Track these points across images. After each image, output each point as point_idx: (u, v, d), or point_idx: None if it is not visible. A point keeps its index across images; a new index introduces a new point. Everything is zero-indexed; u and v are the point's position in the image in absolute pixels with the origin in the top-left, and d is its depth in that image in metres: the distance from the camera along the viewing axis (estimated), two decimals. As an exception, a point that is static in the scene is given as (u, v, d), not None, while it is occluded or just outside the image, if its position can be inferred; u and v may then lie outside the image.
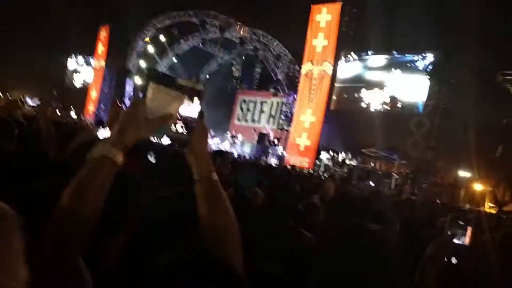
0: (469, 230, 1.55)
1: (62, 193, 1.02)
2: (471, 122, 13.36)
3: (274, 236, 2.60)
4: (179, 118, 1.43)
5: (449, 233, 1.56)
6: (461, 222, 1.56)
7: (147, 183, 2.05)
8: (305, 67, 15.38)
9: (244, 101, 24.23)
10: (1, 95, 19.31)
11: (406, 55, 16.85)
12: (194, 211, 1.23)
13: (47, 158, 2.95)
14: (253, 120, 23.40)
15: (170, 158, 2.79)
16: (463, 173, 15.06)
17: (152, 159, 4.53)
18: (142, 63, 23.18)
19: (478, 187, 14.92)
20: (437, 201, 11.31)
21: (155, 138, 1.51)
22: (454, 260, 1.53)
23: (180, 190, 2.53)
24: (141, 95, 1.16)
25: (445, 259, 1.53)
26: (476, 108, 12.93)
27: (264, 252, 2.29)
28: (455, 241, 1.54)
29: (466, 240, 1.55)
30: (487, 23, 13.04)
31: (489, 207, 14.25)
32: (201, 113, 1.27)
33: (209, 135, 1.28)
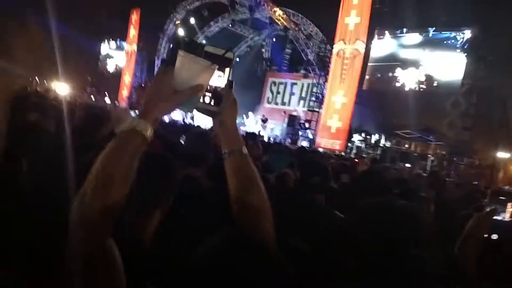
0: (510, 206, 1.47)
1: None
2: (509, 101, 12.82)
3: (305, 216, 2.58)
4: (208, 89, 1.36)
5: (489, 209, 1.49)
6: (501, 198, 1.49)
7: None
8: (337, 47, 15.02)
9: (274, 83, 24.06)
10: (38, 81, 19.94)
11: (442, 32, 16.26)
12: (224, 188, 1.19)
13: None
14: (283, 103, 23.24)
15: (194, 139, 2.78)
16: (501, 154, 14.51)
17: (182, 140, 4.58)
18: (173, 47, 23.38)
19: (517, 168, 14.39)
20: (474, 183, 10.98)
21: (184, 110, 1.44)
22: (494, 236, 1.46)
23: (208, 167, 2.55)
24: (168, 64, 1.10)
25: (485, 235, 1.47)
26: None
27: (294, 231, 2.28)
28: (496, 217, 1.47)
29: (507, 216, 1.48)
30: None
31: (529, 188, 13.75)
32: (230, 83, 1.17)
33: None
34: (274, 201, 2.75)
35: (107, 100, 22.24)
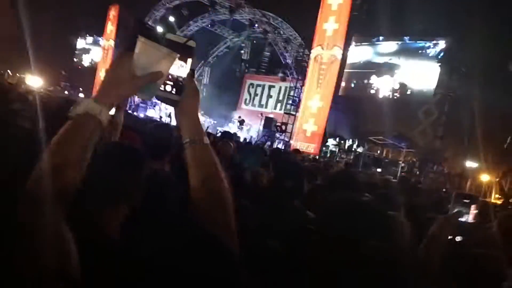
0: (473, 208, 1.52)
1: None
2: (480, 112, 13.21)
3: (278, 216, 2.59)
4: (170, 78, 1.33)
5: (453, 211, 1.54)
6: (465, 200, 1.54)
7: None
8: (315, 52, 15.18)
9: (252, 85, 24.10)
10: (11, 73, 19.37)
11: (418, 41, 16.63)
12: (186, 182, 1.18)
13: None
14: (260, 105, 23.30)
15: (155, 131, 2.74)
16: (470, 163, 14.95)
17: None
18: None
19: (485, 177, 14.83)
20: (444, 190, 11.27)
21: (143, 97, 1.39)
22: (458, 238, 1.51)
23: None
24: (127, 50, 1.06)
25: (449, 237, 1.51)
26: (486, 97, 12.77)
27: (267, 230, 2.29)
28: (460, 219, 1.52)
29: (470, 218, 1.53)
30: (500, 10, 12.81)
31: (495, 198, 14.20)
32: (192, 72, 1.16)
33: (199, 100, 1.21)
34: (249, 199, 2.75)
35: (81, 95, 21.79)
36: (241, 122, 19.77)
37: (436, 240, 1.50)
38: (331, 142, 16.39)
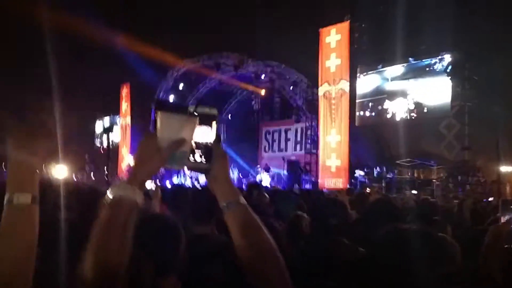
0: None
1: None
2: (501, 115, 13.04)
3: (329, 256, 2.59)
4: (197, 145, 1.36)
5: (502, 219, 1.54)
6: None
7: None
8: (322, 89, 15.41)
9: (269, 132, 24.35)
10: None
11: (423, 60, 16.73)
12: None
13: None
14: (280, 149, 23.41)
15: (198, 195, 2.82)
16: (504, 168, 14.52)
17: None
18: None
19: (524, 179, 14.34)
20: (484, 200, 10.92)
21: (173, 168, 1.42)
22: None
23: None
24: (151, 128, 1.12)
25: (505, 246, 1.50)
26: (504, 101, 12.66)
27: (322, 270, 2.29)
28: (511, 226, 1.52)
29: None
30: (499, 13, 12.97)
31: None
32: (218, 137, 1.20)
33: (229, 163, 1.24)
34: (289, 246, 2.75)
35: (117, 180, 22.25)
36: (267, 169, 19.82)
37: (493, 249, 1.50)
38: (358, 173, 16.23)
